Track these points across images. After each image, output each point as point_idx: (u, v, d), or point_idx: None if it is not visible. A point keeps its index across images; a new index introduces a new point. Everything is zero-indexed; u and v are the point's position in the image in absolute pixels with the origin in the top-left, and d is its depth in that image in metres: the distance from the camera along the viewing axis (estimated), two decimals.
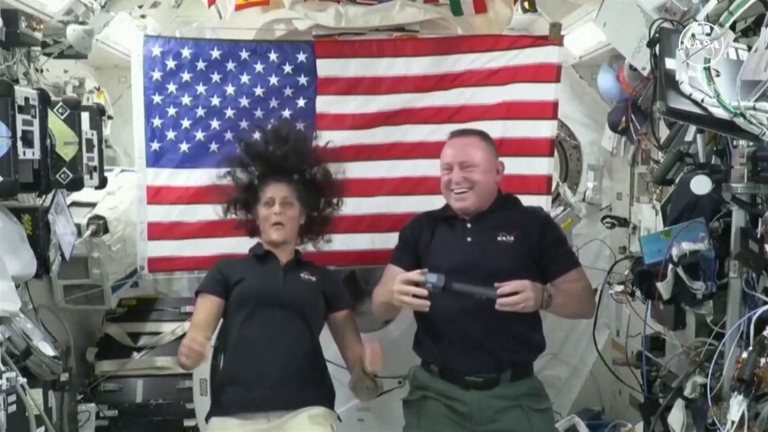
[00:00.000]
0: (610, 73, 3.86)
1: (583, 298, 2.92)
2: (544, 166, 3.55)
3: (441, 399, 2.85)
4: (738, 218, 2.41)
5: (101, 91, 4.18)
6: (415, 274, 2.70)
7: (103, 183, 3.41)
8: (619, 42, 2.97)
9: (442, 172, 2.95)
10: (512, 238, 2.90)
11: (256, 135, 3.34)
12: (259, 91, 3.51)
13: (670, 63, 2.25)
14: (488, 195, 2.95)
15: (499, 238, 2.90)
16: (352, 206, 3.53)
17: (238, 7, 3.55)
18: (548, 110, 3.52)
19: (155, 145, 3.50)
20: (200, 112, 3.50)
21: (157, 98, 3.49)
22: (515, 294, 2.64)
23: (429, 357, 2.93)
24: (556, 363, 4.25)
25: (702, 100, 2.15)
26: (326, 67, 3.54)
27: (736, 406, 2.11)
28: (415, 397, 2.94)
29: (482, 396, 2.81)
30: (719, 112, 2.13)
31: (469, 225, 2.93)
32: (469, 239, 2.90)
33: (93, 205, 3.89)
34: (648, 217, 3.67)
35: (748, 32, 2.46)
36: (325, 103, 3.56)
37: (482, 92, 3.56)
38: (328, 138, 3.53)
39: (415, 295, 2.68)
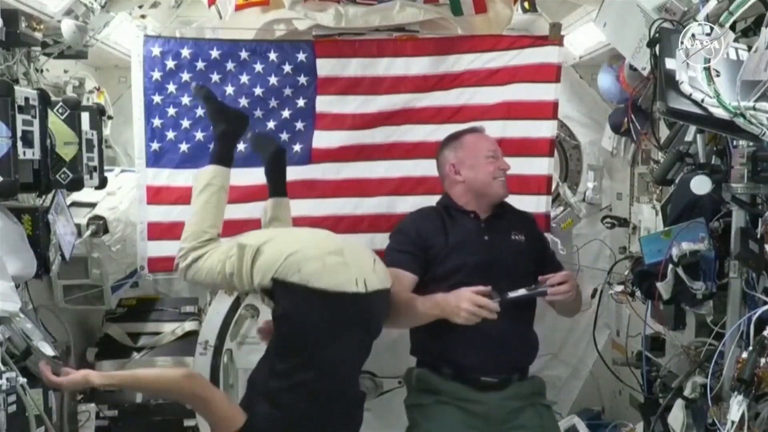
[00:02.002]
0: (610, 73, 3.85)
1: (578, 294, 2.96)
2: (544, 166, 3.55)
3: (455, 403, 2.80)
4: (738, 218, 2.41)
5: (101, 91, 4.18)
6: (486, 292, 2.68)
7: (103, 183, 3.41)
8: (619, 42, 2.97)
9: (483, 161, 2.91)
10: (523, 238, 2.96)
11: None
12: (258, 91, 3.51)
13: (670, 63, 2.26)
14: None
15: (513, 237, 2.95)
16: (352, 206, 3.53)
17: (238, 8, 3.55)
18: (548, 110, 3.53)
19: (155, 145, 3.50)
20: (200, 112, 3.49)
21: (157, 98, 3.49)
22: (563, 284, 2.72)
23: (440, 360, 2.86)
24: (556, 363, 4.24)
25: (702, 100, 2.15)
26: (326, 67, 3.54)
27: (736, 406, 2.11)
28: (427, 401, 2.85)
29: (498, 397, 2.80)
30: (719, 112, 2.14)
31: (483, 224, 2.92)
32: (486, 237, 2.89)
33: (93, 205, 3.89)
34: (648, 217, 3.67)
35: (748, 32, 2.46)
36: (325, 103, 3.56)
37: (482, 92, 3.56)
38: (327, 138, 3.54)
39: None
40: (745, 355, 2.14)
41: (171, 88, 3.48)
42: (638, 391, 3.27)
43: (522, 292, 2.72)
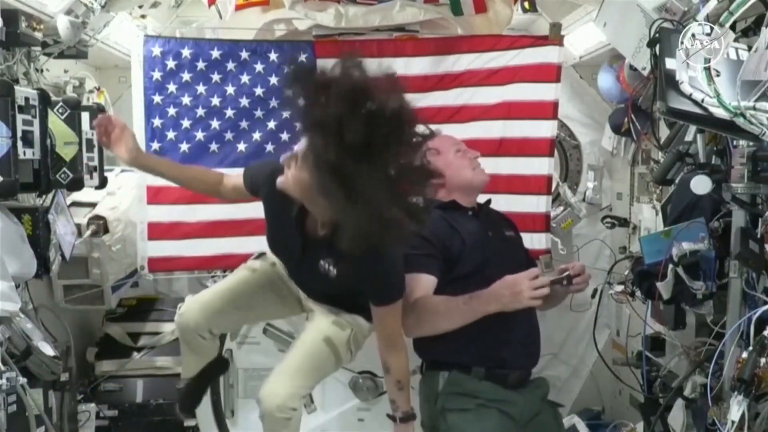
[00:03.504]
0: (610, 73, 3.85)
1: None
2: (544, 166, 3.55)
3: (494, 405, 2.72)
4: (738, 218, 2.41)
5: (101, 91, 4.18)
6: (547, 279, 2.64)
7: (103, 183, 3.41)
8: (619, 42, 2.97)
9: (455, 157, 2.87)
10: (513, 234, 2.99)
11: None
12: (259, 91, 3.51)
13: (670, 63, 2.26)
14: None
15: (506, 233, 2.96)
16: None
17: (238, 7, 3.55)
18: (548, 110, 3.52)
19: (155, 145, 3.50)
20: (200, 112, 3.50)
21: (157, 98, 3.49)
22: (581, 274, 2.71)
23: (470, 359, 2.75)
24: (556, 363, 4.24)
25: (702, 100, 2.15)
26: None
27: (736, 406, 2.11)
28: (469, 406, 2.72)
29: (525, 397, 2.77)
30: (719, 112, 2.14)
31: (478, 220, 2.90)
32: (489, 233, 2.88)
33: (93, 205, 3.89)
34: (648, 217, 3.67)
35: (748, 32, 2.46)
36: None
37: (482, 92, 3.56)
38: None
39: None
40: (745, 355, 2.14)
41: (171, 88, 3.48)
42: (638, 391, 3.27)
43: (556, 277, 2.69)
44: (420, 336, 2.82)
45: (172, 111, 3.50)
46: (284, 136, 3.55)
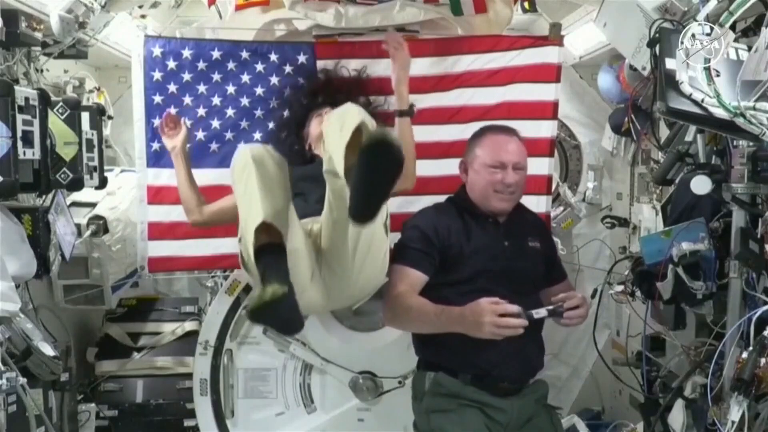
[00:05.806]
0: (610, 73, 3.86)
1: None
2: (544, 166, 3.54)
3: (477, 405, 2.72)
4: (738, 218, 2.41)
5: (101, 91, 4.18)
6: (516, 308, 2.56)
7: (103, 183, 3.41)
8: (619, 42, 2.98)
9: (486, 170, 2.79)
10: (538, 244, 2.92)
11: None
12: (259, 91, 3.51)
13: (670, 63, 2.26)
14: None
15: (530, 243, 2.90)
16: None
17: (238, 8, 3.54)
18: (548, 110, 3.52)
19: (156, 145, 3.49)
20: (201, 112, 3.49)
21: (157, 98, 3.48)
22: (579, 308, 2.67)
23: (457, 364, 2.74)
24: (556, 363, 4.25)
25: (702, 100, 2.16)
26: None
27: (736, 406, 2.12)
28: (450, 406, 2.72)
29: (517, 403, 2.75)
30: (719, 112, 2.14)
31: (501, 228, 2.86)
32: (506, 243, 2.83)
33: (93, 205, 3.89)
34: (648, 217, 3.68)
35: (748, 32, 2.47)
36: None
37: (482, 93, 3.55)
38: None
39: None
40: (745, 355, 2.14)
41: (172, 88, 3.47)
42: (638, 391, 3.27)
43: (543, 313, 2.64)
44: (396, 328, 2.93)
45: (172, 111, 3.49)
46: (284, 136, 3.55)
